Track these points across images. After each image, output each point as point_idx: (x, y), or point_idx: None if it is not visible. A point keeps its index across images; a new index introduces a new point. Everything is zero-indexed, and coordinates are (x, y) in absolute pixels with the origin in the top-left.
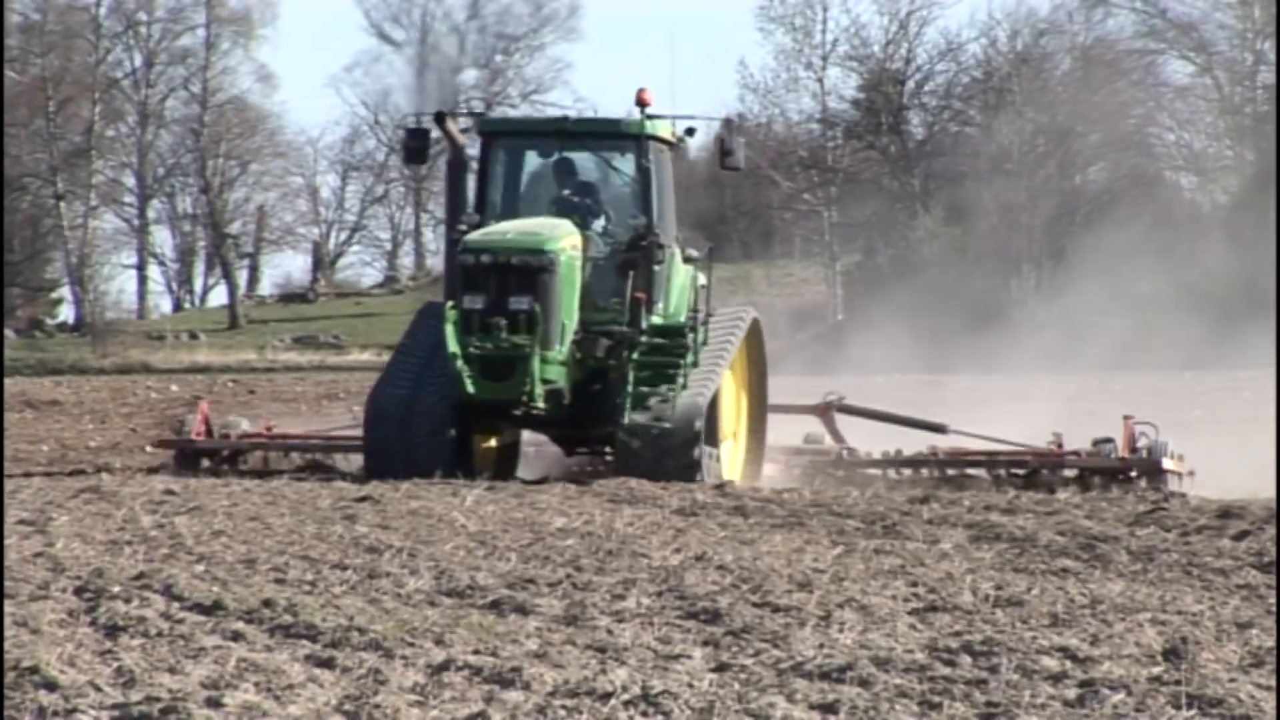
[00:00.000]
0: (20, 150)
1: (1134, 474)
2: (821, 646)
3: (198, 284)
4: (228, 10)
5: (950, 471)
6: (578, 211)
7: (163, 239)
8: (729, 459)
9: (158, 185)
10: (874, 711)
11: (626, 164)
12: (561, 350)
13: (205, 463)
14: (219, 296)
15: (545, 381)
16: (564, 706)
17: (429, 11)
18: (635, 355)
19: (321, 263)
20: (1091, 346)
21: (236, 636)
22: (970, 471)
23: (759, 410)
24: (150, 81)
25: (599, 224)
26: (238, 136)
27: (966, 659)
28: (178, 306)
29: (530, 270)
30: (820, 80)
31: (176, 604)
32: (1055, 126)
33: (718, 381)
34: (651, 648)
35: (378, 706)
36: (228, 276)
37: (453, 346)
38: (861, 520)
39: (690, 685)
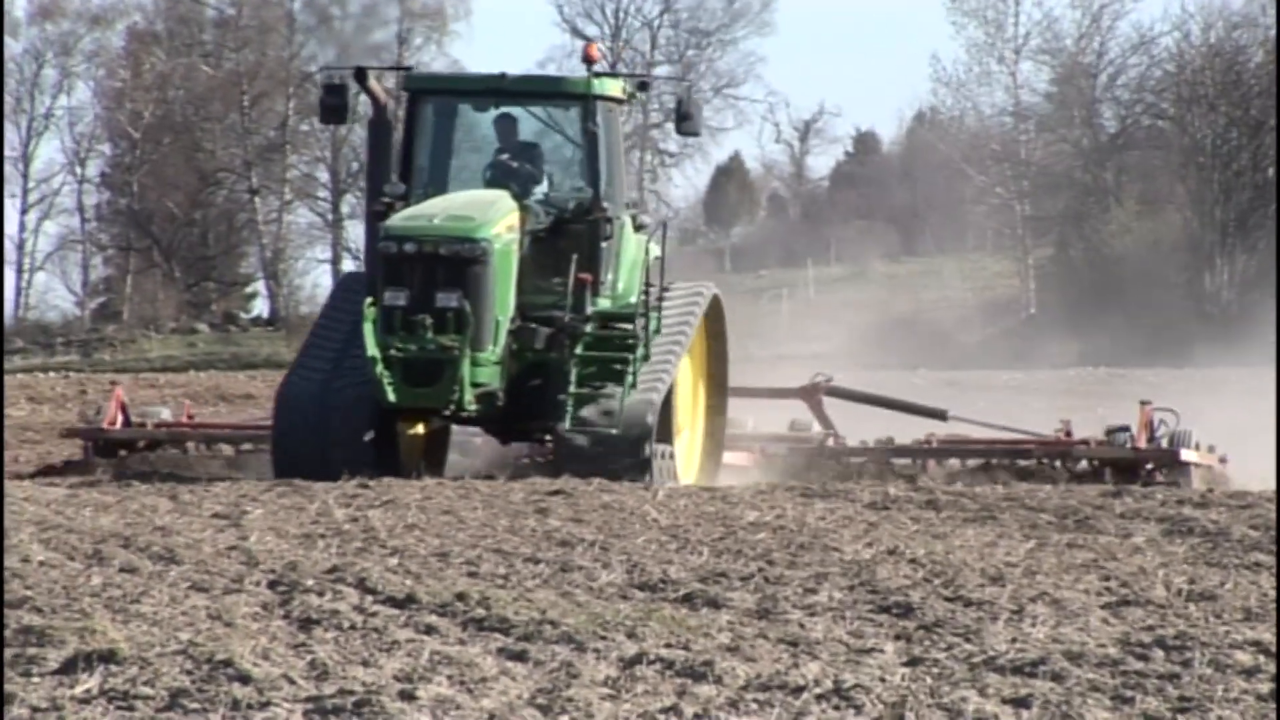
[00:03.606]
0: (215, 145)
1: (1150, 466)
2: (1014, 641)
3: None
4: (420, 5)
5: (971, 462)
6: (516, 178)
7: (356, 233)
8: (684, 454)
9: (351, 180)
10: (1066, 706)
11: (571, 125)
12: (495, 350)
13: (122, 453)
14: None
15: (476, 385)
16: (756, 700)
17: (622, 6)
18: (579, 349)
19: None
20: None
21: (429, 630)
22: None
23: (719, 397)
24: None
25: (539, 190)
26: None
27: (1159, 653)
28: None
29: (460, 262)
30: (1013, 74)
31: (370, 597)
32: (1248, 119)
33: (672, 375)
34: (843, 642)
35: (570, 700)
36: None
37: (371, 349)
38: (1054, 514)
39: (882, 679)
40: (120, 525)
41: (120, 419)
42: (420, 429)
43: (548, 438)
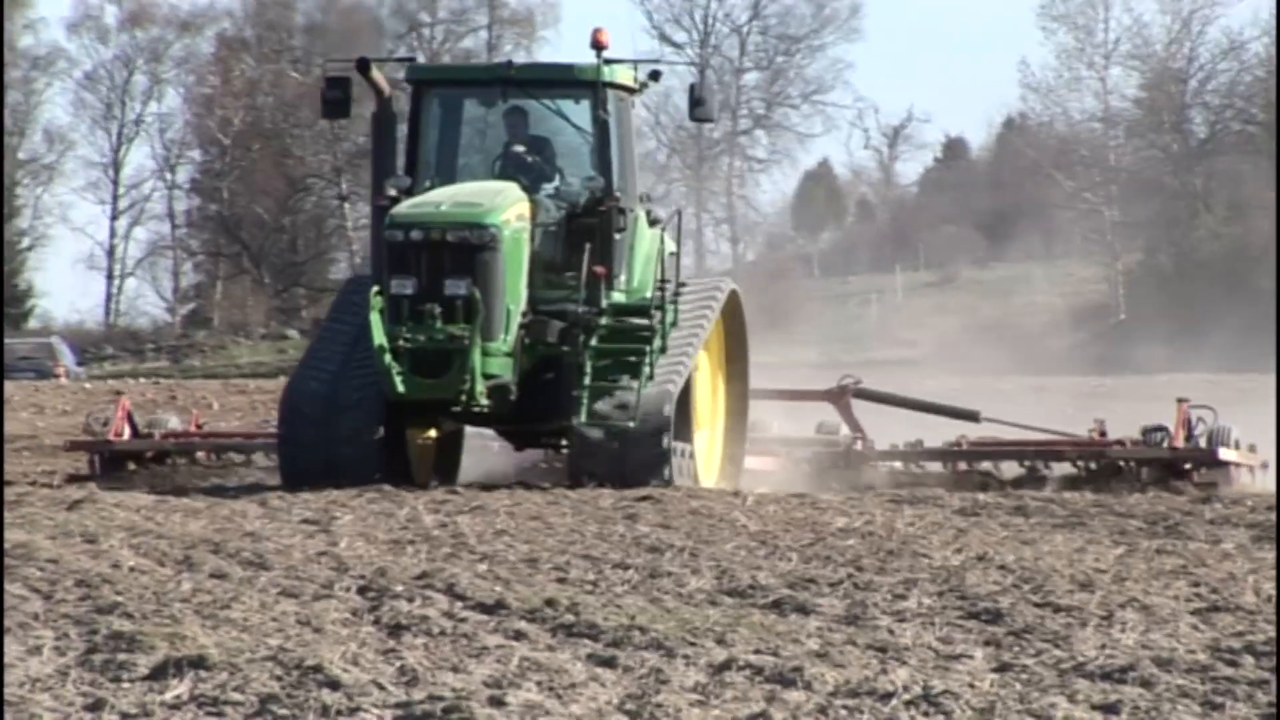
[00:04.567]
0: (304, 151)
1: (1188, 466)
2: (1103, 647)
3: None
4: (510, 11)
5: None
6: (526, 171)
7: None
8: (704, 453)
9: None
10: (1155, 712)
11: (581, 115)
12: (506, 340)
13: (130, 466)
14: None
15: (487, 376)
16: (845, 706)
17: (711, 12)
18: (593, 341)
19: None
20: None
21: (519, 635)
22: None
23: (740, 397)
24: None
25: (550, 185)
26: None
27: (1249, 659)
28: None
29: (468, 248)
30: (1102, 79)
31: (459, 603)
32: None
33: (689, 368)
34: (932, 648)
35: (659, 706)
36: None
37: (379, 338)
38: (1143, 520)
39: (971, 685)
40: (210, 531)
41: (127, 430)
42: (431, 435)
43: (563, 442)
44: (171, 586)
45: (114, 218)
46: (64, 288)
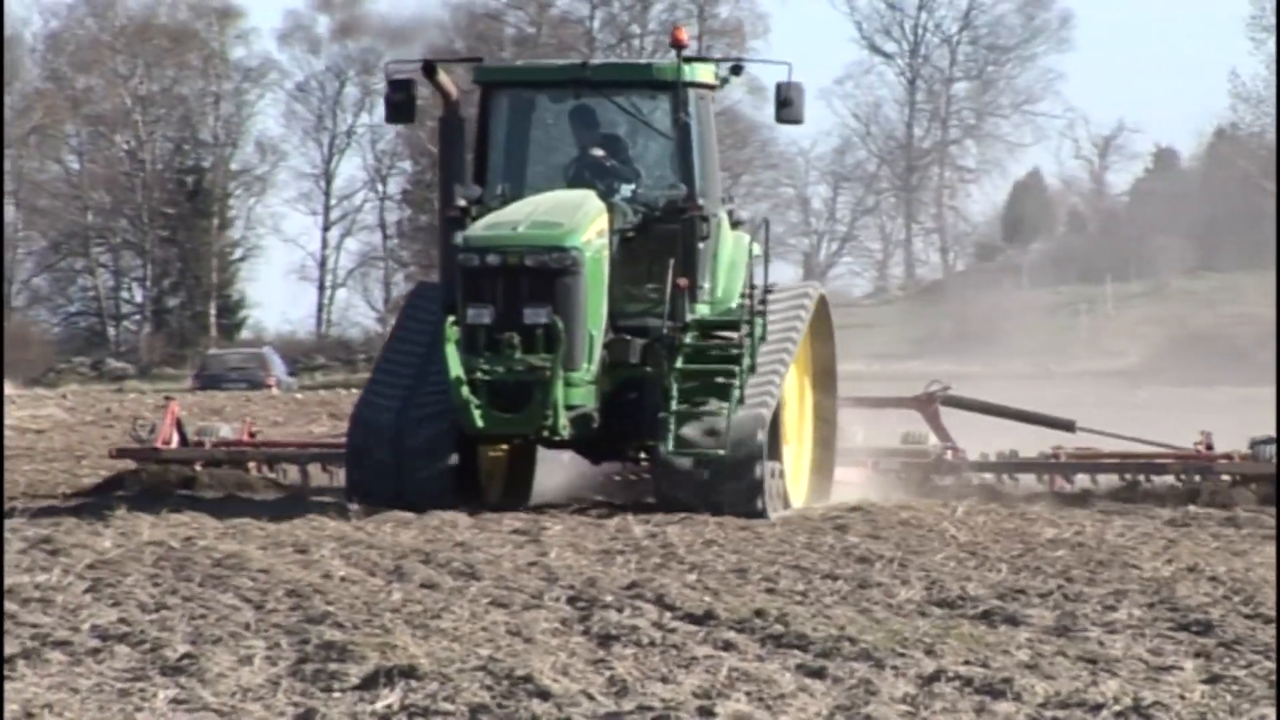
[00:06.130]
0: None
1: None
2: None
3: None
4: (719, 22)
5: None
6: (600, 176)
7: None
8: (792, 468)
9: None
10: None
11: (660, 116)
12: (589, 369)
13: (180, 471)
14: None
15: (569, 408)
16: (1055, 718)
17: (921, 23)
18: (679, 361)
19: (812, 273)
20: None
21: (728, 646)
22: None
23: (828, 408)
24: None
25: (627, 189)
26: (729, 148)
27: None
28: None
29: (549, 273)
30: None
31: (668, 613)
32: None
33: (780, 388)
34: (1143, 659)
35: (868, 717)
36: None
37: (455, 370)
38: None
39: (1181, 697)
40: (420, 541)
41: (176, 437)
42: (502, 448)
43: (643, 456)
44: (382, 596)
45: (325, 229)
46: (276, 298)
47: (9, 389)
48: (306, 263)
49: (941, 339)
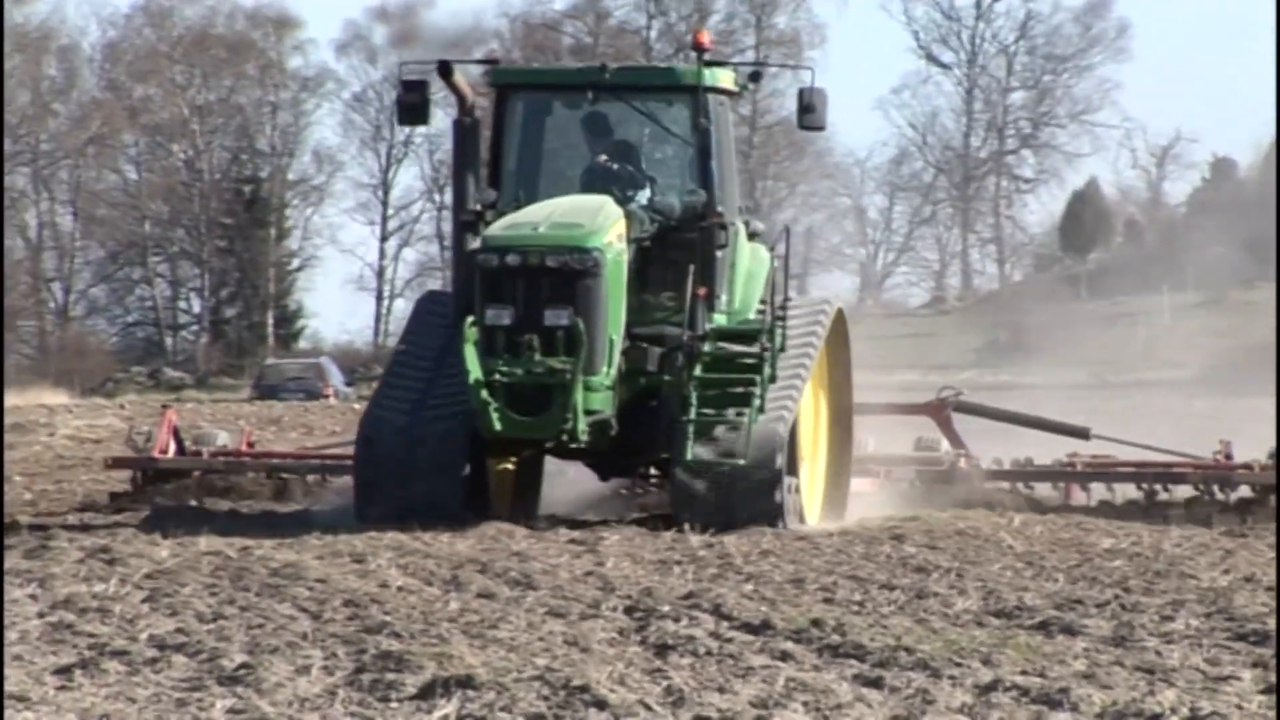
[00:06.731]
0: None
1: None
2: None
3: None
4: (776, 32)
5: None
6: (616, 182)
7: None
8: (808, 483)
9: None
10: None
11: (678, 122)
12: (609, 372)
13: (175, 482)
14: None
15: (589, 412)
16: None
17: (978, 33)
18: (698, 369)
19: (869, 283)
20: None
21: (785, 656)
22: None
23: (844, 423)
24: None
25: (643, 196)
26: (786, 159)
27: None
28: None
29: (570, 274)
30: None
31: (725, 623)
32: None
33: (798, 401)
34: (1200, 669)
35: None
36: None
37: (475, 372)
38: None
39: (1239, 707)
40: (477, 551)
41: (172, 446)
42: (510, 464)
43: (653, 472)
44: (439, 606)
45: (383, 239)
46: (333, 308)
47: (65, 399)
48: (364, 273)
49: (999, 349)
